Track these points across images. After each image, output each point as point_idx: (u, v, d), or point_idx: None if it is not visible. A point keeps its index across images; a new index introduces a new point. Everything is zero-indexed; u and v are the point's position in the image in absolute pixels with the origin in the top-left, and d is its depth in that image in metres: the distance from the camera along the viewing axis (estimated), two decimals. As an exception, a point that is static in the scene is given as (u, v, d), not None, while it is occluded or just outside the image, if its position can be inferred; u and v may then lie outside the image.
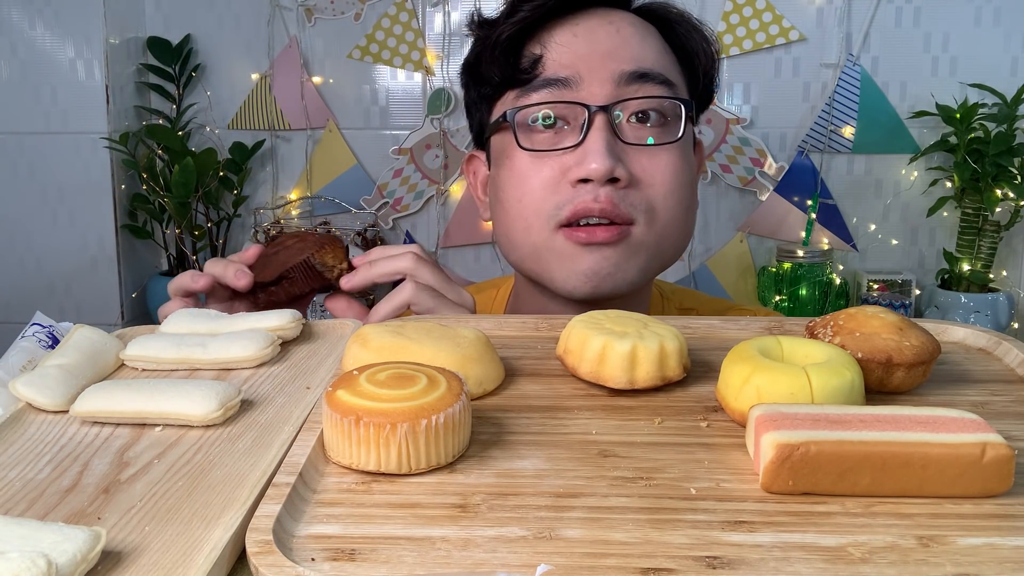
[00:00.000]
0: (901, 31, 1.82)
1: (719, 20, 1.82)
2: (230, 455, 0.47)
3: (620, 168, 0.81)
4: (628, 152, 0.84)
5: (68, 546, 0.36)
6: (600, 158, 0.80)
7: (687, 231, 0.90)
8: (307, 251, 0.80)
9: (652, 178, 0.84)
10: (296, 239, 0.84)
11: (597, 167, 0.80)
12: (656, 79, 0.85)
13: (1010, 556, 0.37)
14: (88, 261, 1.92)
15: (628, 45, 0.86)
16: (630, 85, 0.84)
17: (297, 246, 0.82)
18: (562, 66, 0.85)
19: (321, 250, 0.80)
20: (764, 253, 1.92)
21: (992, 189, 1.68)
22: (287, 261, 0.81)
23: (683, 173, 0.86)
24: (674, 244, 0.88)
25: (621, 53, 0.85)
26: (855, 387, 0.49)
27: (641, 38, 0.87)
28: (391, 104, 1.96)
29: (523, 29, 0.86)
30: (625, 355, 0.53)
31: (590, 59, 0.85)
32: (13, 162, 1.89)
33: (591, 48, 0.85)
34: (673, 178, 0.85)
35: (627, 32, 0.87)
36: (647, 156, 0.84)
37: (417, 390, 0.44)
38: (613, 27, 0.87)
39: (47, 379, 0.54)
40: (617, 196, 0.82)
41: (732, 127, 1.86)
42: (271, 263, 0.82)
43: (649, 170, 0.84)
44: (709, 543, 0.38)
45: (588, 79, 0.84)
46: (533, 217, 0.85)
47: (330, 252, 0.81)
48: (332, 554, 0.37)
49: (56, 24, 1.85)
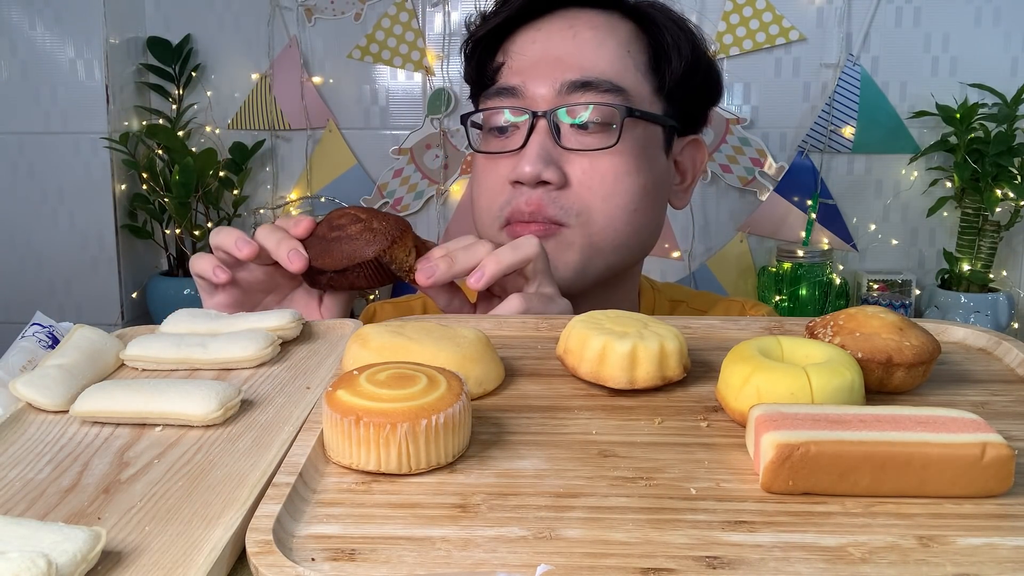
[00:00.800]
0: (901, 31, 1.82)
1: (719, 20, 1.82)
2: (230, 455, 0.47)
3: (549, 171, 0.85)
4: (568, 157, 0.87)
5: (68, 546, 0.36)
6: (531, 162, 0.85)
7: (641, 234, 0.91)
8: (377, 245, 0.74)
9: (589, 181, 0.87)
10: (361, 226, 0.76)
11: (528, 170, 0.85)
12: (600, 87, 0.87)
13: (1010, 556, 0.37)
14: (88, 261, 1.92)
15: (581, 52, 0.88)
16: (572, 93, 0.87)
17: (364, 236, 0.75)
18: (515, 73, 0.90)
19: (392, 246, 0.75)
20: (764, 253, 1.92)
21: (992, 189, 1.68)
22: (354, 254, 0.75)
23: (626, 178, 0.88)
24: (617, 245, 0.90)
25: (570, 60, 0.88)
26: (855, 387, 0.49)
27: (599, 42, 0.89)
28: (391, 104, 1.96)
29: (492, 35, 0.93)
30: (625, 355, 0.53)
31: (539, 66, 0.89)
32: (13, 162, 1.89)
33: (543, 55, 0.89)
34: (613, 183, 0.87)
35: (585, 36, 0.89)
36: (587, 160, 0.87)
37: (417, 390, 0.44)
38: (571, 32, 0.90)
39: (47, 379, 0.54)
40: (547, 199, 0.86)
41: (732, 127, 1.86)
42: (332, 250, 0.76)
43: (588, 173, 0.87)
44: (709, 543, 0.38)
45: (534, 86, 0.88)
46: (485, 215, 0.91)
47: (401, 246, 0.75)
48: (332, 554, 0.37)
49: (56, 24, 1.85)
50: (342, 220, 0.78)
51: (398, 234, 0.75)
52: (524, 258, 0.74)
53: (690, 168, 0.99)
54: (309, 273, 0.77)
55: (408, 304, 1.11)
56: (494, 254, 0.74)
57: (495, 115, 0.90)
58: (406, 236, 0.76)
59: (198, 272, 0.77)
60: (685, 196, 1.00)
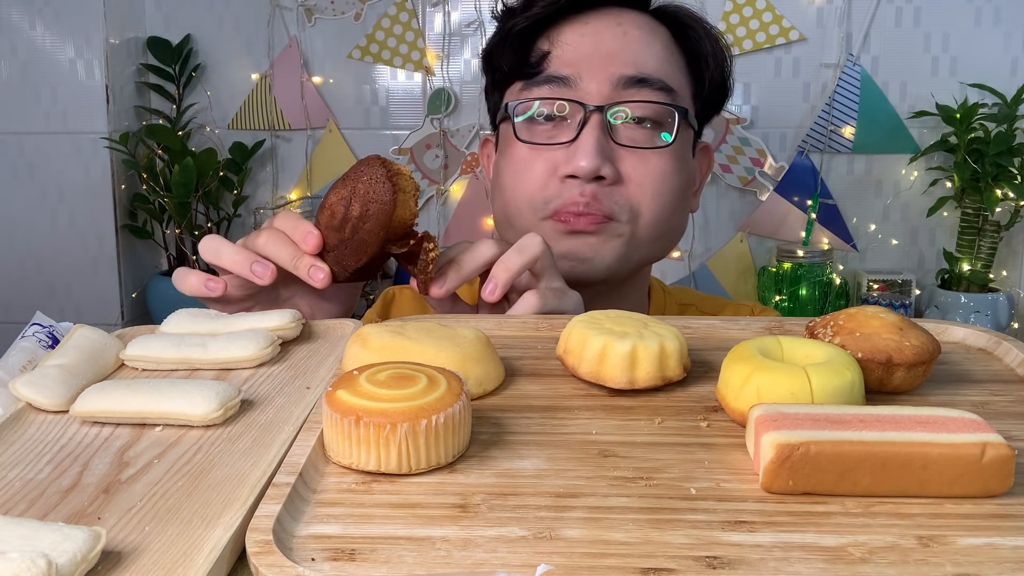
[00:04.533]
0: (901, 31, 1.82)
1: (719, 20, 1.82)
2: (230, 455, 0.47)
3: (606, 167, 0.85)
4: (619, 153, 0.87)
5: (68, 546, 0.36)
6: (588, 157, 0.84)
7: (673, 233, 0.93)
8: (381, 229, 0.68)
9: (640, 179, 0.87)
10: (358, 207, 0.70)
11: (585, 165, 0.84)
12: (654, 85, 0.87)
13: (1010, 556, 0.37)
14: (88, 261, 1.92)
15: (631, 49, 0.88)
16: (628, 89, 0.87)
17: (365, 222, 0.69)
18: (565, 64, 0.88)
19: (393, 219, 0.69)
20: (764, 253, 1.92)
21: (992, 189, 1.68)
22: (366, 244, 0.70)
23: (672, 177, 0.89)
24: (656, 242, 0.91)
25: (623, 56, 0.87)
26: (855, 387, 0.49)
27: (647, 42, 0.89)
28: (391, 104, 1.96)
29: (535, 24, 0.90)
30: (625, 355, 0.53)
31: (592, 60, 0.87)
32: (13, 162, 1.89)
33: (595, 49, 0.88)
34: (661, 181, 0.88)
35: (633, 35, 0.89)
36: (638, 158, 0.87)
37: (417, 390, 0.44)
38: (620, 29, 0.89)
39: (47, 379, 0.54)
40: (602, 193, 0.86)
41: (732, 127, 1.86)
42: (348, 249, 0.70)
43: (639, 170, 0.87)
44: (709, 543, 0.38)
45: (588, 79, 0.87)
46: (525, 206, 0.89)
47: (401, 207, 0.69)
48: (332, 554, 0.37)
49: (56, 24, 1.85)
50: (337, 208, 0.72)
51: (388, 197, 0.69)
52: (532, 258, 0.73)
53: (699, 173, 1.01)
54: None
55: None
56: (501, 261, 0.73)
57: (544, 104, 0.89)
58: (397, 191, 0.69)
59: (190, 292, 0.74)
60: (695, 200, 1.01)
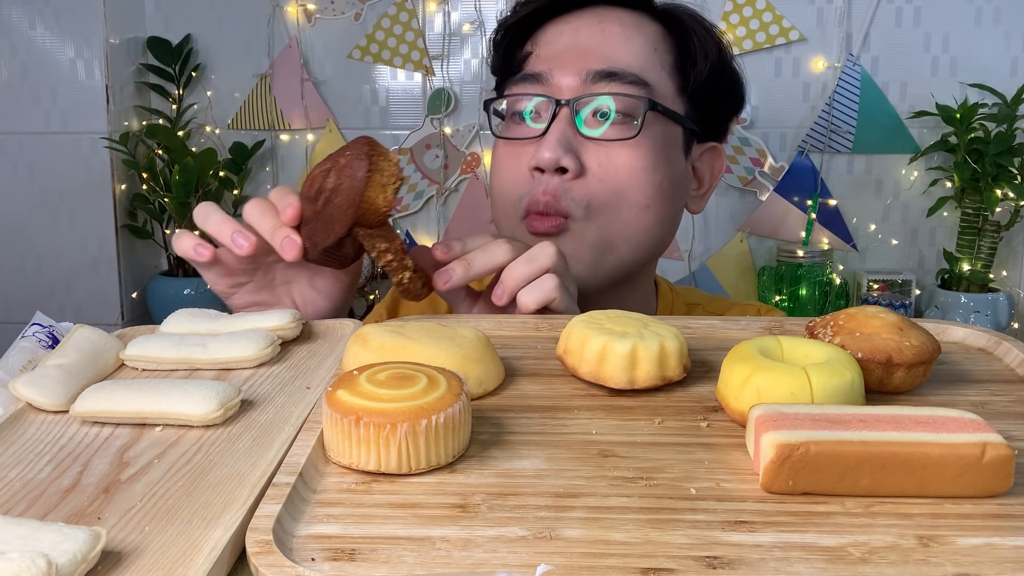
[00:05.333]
0: (901, 31, 1.82)
1: (719, 20, 1.82)
2: (230, 455, 0.47)
3: (567, 158, 0.84)
4: (587, 146, 0.86)
5: (68, 546, 0.36)
6: (549, 148, 0.84)
7: (647, 230, 0.89)
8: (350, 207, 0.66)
9: (603, 173, 0.86)
10: (332, 179, 0.68)
11: (547, 156, 0.84)
12: (625, 78, 0.86)
13: (1010, 556, 0.37)
14: (88, 261, 1.92)
15: (608, 44, 0.88)
16: (597, 83, 0.87)
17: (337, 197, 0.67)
18: (541, 61, 0.90)
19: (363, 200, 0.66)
20: (764, 253, 1.92)
21: (992, 189, 1.68)
22: (332, 223, 0.67)
23: (643, 174, 0.87)
24: (628, 241, 0.88)
25: (597, 52, 0.88)
26: (855, 387, 0.49)
27: (627, 37, 0.89)
28: (391, 104, 1.96)
29: (521, 28, 0.93)
30: (625, 355, 0.53)
31: (566, 56, 0.88)
32: (13, 162, 1.89)
33: (571, 44, 0.89)
34: (628, 176, 0.86)
35: (612, 31, 0.89)
36: (604, 152, 0.86)
37: (417, 390, 0.44)
38: (600, 26, 0.90)
39: (47, 379, 0.54)
40: (561, 189, 0.85)
41: (732, 127, 1.86)
42: (320, 222, 0.69)
43: (603, 165, 0.86)
44: (709, 543, 0.38)
45: (560, 74, 0.88)
46: (507, 205, 0.90)
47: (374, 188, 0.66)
48: (332, 554, 0.37)
49: (56, 24, 1.85)
50: (316, 179, 0.70)
51: (362, 174, 0.66)
52: (541, 268, 0.73)
53: (707, 175, 0.98)
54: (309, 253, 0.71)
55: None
56: (510, 269, 0.73)
57: (518, 101, 0.90)
58: (373, 171, 0.66)
59: (181, 253, 0.73)
60: (701, 202, 0.99)
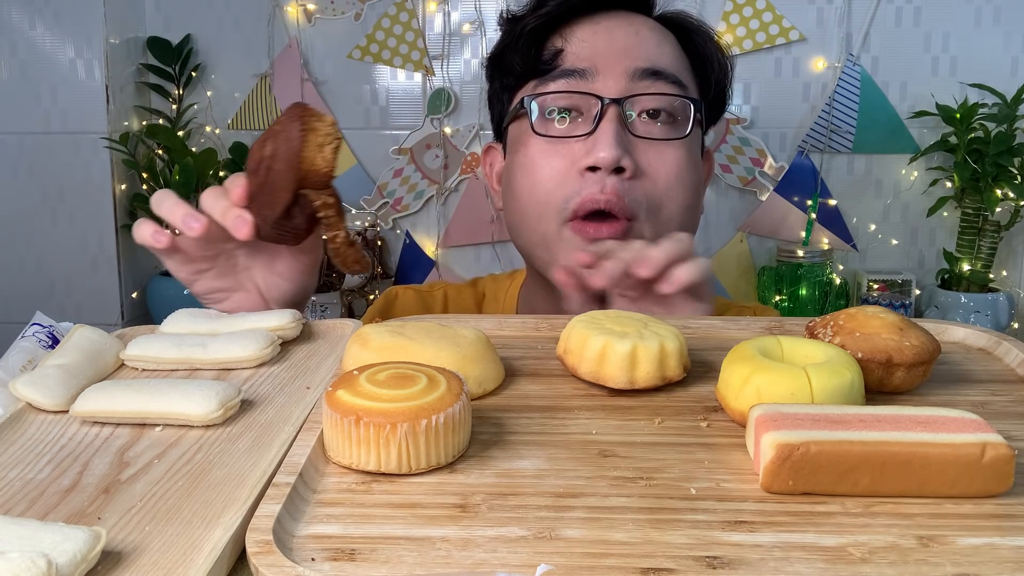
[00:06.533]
0: (901, 31, 1.81)
1: (719, 20, 1.82)
2: (230, 455, 0.47)
3: (627, 159, 0.84)
4: (636, 145, 0.86)
5: (68, 546, 0.36)
6: (608, 147, 0.83)
7: (687, 230, 0.90)
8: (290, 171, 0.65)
9: (656, 172, 0.86)
10: (270, 146, 0.67)
11: (605, 155, 0.83)
12: (669, 78, 0.88)
13: (1010, 556, 0.37)
14: (88, 261, 1.92)
15: (645, 45, 0.89)
16: (643, 81, 0.87)
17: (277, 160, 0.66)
18: (580, 59, 0.88)
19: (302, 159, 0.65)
20: (764, 253, 1.92)
21: (992, 189, 1.68)
22: (277, 191, 0.67)
23: (687, 172, 0.88)
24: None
25: (637, 51, 0.88)
26: (855, 387, 0.49)
27: (658, 41, 0.90)
28: (391, 104, 1.96)
29: (547, 23, 0.90)
30: (625, 355, 0.53)
31: (607, 54, 0.88)
32: (13, 162, 1.89)
33: (609, 44, 0.88)
34: (677, 174, 0.87)
35: (645, 34, 0.90)
36: (654, 150, 0.87)
37: (417, 390, 0.44)
38: (632, 28, 0.90)
39: (47, 379, 0.54)
40: (622, 188, 0.84)
41: (732, 127, 1.86)
42: (264, 193, 0.68)
43: (655, 164, 0.86)
44: (709, 543, 0.38)
45: (604, 72, 0.87)
46: (544, 207, 0.87)
47: (310, 146, 0.65)
48: (332, 554, 0.37)
49: (56, 24, 1.85)
50: (255, 151, 0.68)
51: (296, 135, 0.65)
52: (691, 250, 0.75)
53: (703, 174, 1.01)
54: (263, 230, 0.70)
55: (431, 292, 1.10)
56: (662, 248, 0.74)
57: (560, 98, 0.88)
58: (307, 131, 0.65)
59: (140, 241, 0.73)
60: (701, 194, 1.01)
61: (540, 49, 0.90)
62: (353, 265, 0.71)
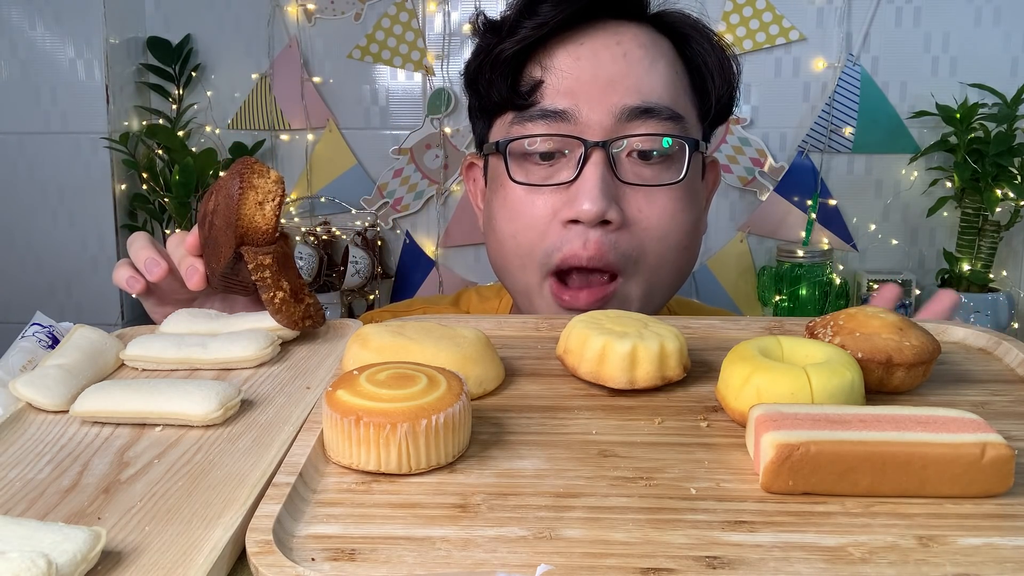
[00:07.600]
0: (901, 31, 1.81)
1: (719, 20, 1.82)
2: (230, 455, 0.47)
3: (612, 211, 0.77)
4: (625, 192, 0.79)
5: (68, 546, 0.36)
6: (592, 200, 0.76)
7: (681, 270, 0.86)
8: (231, 238, 0.64)
9: (648, 220, 0.80)
10: (214, 200, 0.67)
11: (588, 208, 0.76)
12: (661, 114, 0.80)
13: (1010, 556, 0.37)
14: (88, 261, 1.92)
15: (634, 72, 0.80)
16: (632, 121, 0.79)
17: (221, 213, 0.65)
18: (561, 94, 0.80)
19: (240, 213, 0.63)
20: (764, 253, 1.92)
21: (992, 189, 1.68)
22: (219, 246, 0.66)
23: (681, 214, 0.82)
24: (665, 286, 0.85)
25: (625, 82, 0.80)
26: (855, 387, 0.49)
27: (650, 63, 0.81)
28: (391, 104, 1.96)
29: (524, 48, 0.81)
30: (625, 355, 0.53)
31: (591, 88, 0.80)
32: (13, 162, 1.89)
33: (593, 75, 0.80)
34: (670, 221, 0.81)
35: (635, 56, 0.81)
36: (644, 196, 0.80)
37: (417, 390, 0.44)
38: (620, 49, 0.81)
39: (47, 379, 0.54)
40: (607, 242, 0.78)
41: (732, 127, 1.86)
42: (211, 246, 0.68)
43: (645, 211, 0.80)
44: (709, 543, 0.38)
45: (587, 111, 0.79)
46: (527, 258, 0.82)
47: (247, 203, 0.63)
48: (332, 554, 0.37)
49: (56, 24, 1.85)
50: (206, 204, 0.68)
51: (234, 192, 0.63)
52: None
53: (706, 189, 0.92)
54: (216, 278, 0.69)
55: (408, 312, 1.03)
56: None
57: (540, 142, 0.80)
58: (247, 189, 0.63)
59: (116, 284, 0.74)
60: (704, 216, 0.92)
61: (517, 80, 0.82)
62: (301, 322, 0.64)
